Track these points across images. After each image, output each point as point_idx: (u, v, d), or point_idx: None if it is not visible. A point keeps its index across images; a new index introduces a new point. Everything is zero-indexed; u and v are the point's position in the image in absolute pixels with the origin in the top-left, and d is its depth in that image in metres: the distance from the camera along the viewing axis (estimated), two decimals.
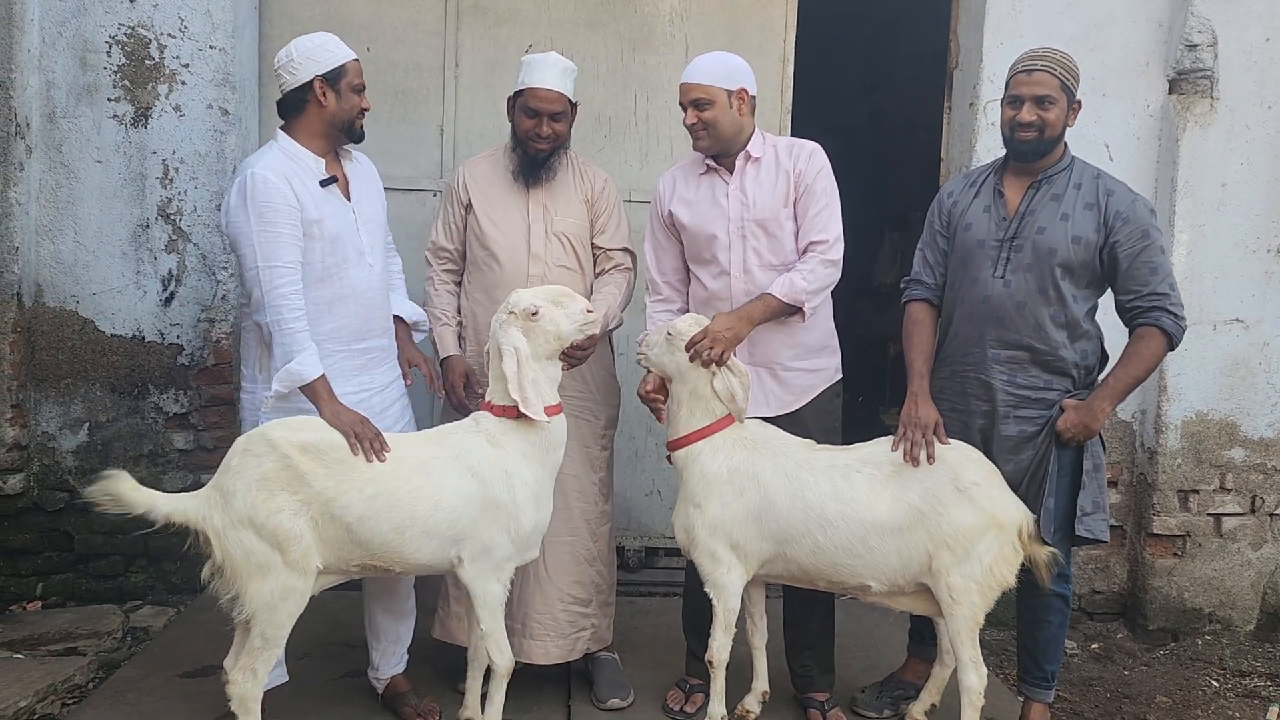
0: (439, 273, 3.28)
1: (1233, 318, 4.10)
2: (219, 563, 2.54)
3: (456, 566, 2.68)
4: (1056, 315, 2.83)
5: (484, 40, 4.21)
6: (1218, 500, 4.17)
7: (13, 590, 3.94)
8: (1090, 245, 2.80)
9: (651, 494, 4.39)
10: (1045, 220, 2.83)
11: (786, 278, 2.96)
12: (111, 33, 3.86)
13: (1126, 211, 2.79)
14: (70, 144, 3.88)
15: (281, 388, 2.70)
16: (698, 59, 3.05)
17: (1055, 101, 2.80)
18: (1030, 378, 2.86)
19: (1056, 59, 2.82)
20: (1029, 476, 2.85)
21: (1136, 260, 2.78)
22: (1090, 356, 2.90)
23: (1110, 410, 2.84)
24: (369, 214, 2.99)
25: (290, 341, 2.70)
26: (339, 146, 2.95)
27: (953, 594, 2.72)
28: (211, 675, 3.14)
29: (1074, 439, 2.81)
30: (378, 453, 2.60)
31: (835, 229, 3.01)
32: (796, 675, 3.23)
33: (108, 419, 3.97)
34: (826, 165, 3.06)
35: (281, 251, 2.72)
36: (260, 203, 2.71)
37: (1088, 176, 2.88)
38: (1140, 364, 2.81)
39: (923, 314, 3.07)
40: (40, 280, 3.90)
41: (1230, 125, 4.06)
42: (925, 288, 3.08)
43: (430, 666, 3.33)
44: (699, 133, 3.00)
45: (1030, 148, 2.85)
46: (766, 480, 2.80)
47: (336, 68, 2.85)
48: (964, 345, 2.95)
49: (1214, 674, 3.90)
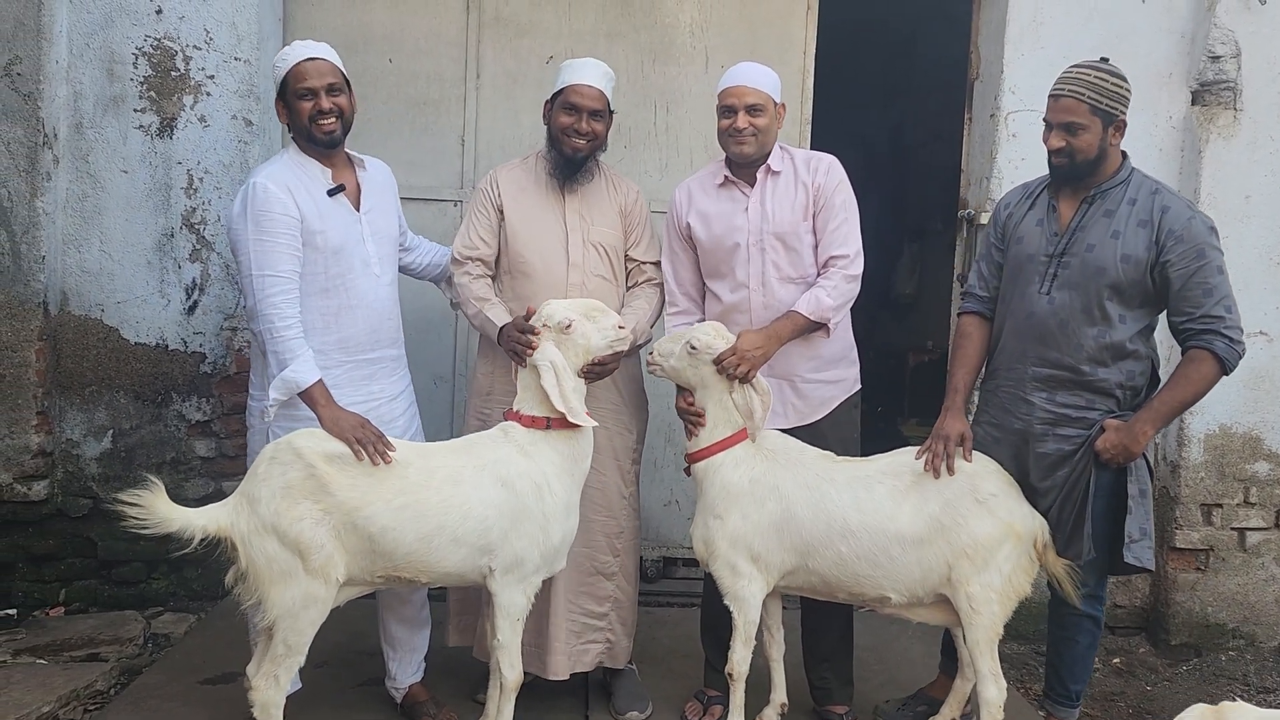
0: (473, 272, 3.11)
1: (1257, 330, 4.06)
2: (243, 569, 2.55)
3: (487, 577, 2.67)
4: (1100, 335, 2.77)
5: (505, 51, 4.24)
6: (1241, 514, 4.13)
7: (36, 596, 3.97)
8: (1141, 264, 2.72)
9: (670, 504, 4.38)
10: (1095, 237, 2.77)
11: (812, 295, 2.96)
12: (138, 44, 3.91)
13: (1180, 230, 2.69)
14: (97, 154, 3.92)
15: (279, 395, 2.72)
16: (743, 66, 3.04)
17: (1085, 127, 2.71)
18: (1071, 397, 2.81)
19: (1088, 81, 2.72)
20: (1063, 495, 2.80)
21: (1190, 281, 2.68)
22: (1138, 378, 2.82)
23: (1153, 434, 2.75)
24: (379, 225, 2.98)
25: (284, 349, 2.71)
26: (331, 152, 2.92)
27: (973, 604, 2.71)
28: (232, 682, 3.15)
29: (1113, 460, 2.74)
30: (382, 454, 2.59)
31: (855, 243, 3.01)
32: (815, 688, 3.21)
33: (131, 426, 4.00)
34: (845, 178, 3.05)
35: (276, 260, 2.74)
36: (259, 211, 2.74)
37: (1145, 191, 2.78)
38: (1189, 387, 2.71)
39: (972, 328, 3.04)
40: (66, 289, 3.94)
41: (1254, 137, 4.03)
42: (979, 300, 3.04)
43: (450, 677, 3.33)
44: (748, 138, 2.97)
45: (1064, 172, 2.81)
46: (787, 491, 2.80)
47: (282, 81, 2.87)
48: (1008, 360, 2.92)
49: (1237, 690, 3.86)
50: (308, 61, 2.85)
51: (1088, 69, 2.75)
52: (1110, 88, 2.72)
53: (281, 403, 2.74)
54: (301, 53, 2.86)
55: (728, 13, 4.29)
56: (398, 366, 3.06)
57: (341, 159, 2.96)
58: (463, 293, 3.10)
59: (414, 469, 2.62)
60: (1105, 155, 2.77)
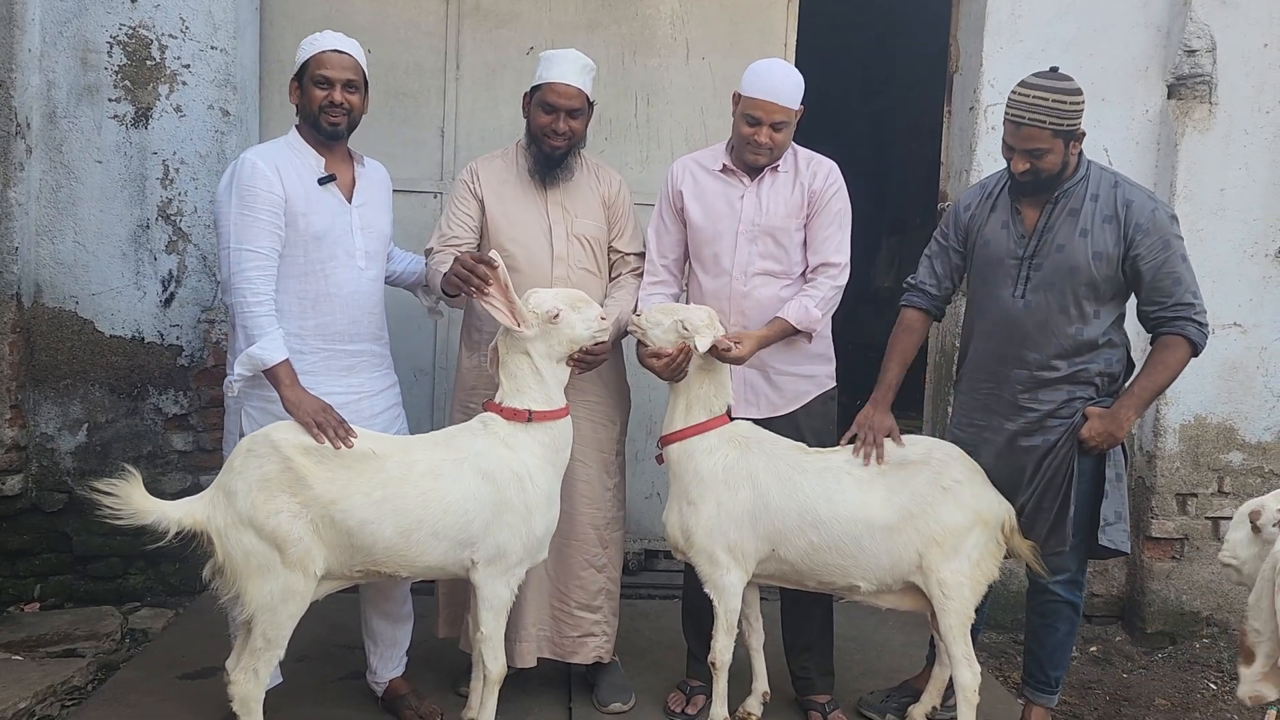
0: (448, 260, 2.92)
1: (1231, 322, 4.11)
2: (220, 563, 2.53)
3: (470, 570, 2.67)
4: (1079, 331, 2.80)
5: (485, 42, 4.22)
6: (1216, 504, 4.18)
7: (11, 591, 3.92)
8: (1112, 260, 2.76)
9: (651, 497, 4.38)
10: (1064, 238, 2.79)
11: (800, 303, 2.97)
12: (113, 33, 3.86)
13: (1146, 223, 2.73)
14: (70, 144, 3.87)
15: (244, 370, 2.71)
16: (776, 74, 2.94)
17: (1049, 150, 2.69)
18: (1053, 393, 2.84)
19: (1047, 107, 2.64)
20: (1045, 483, 2.83)
21: (1159, 272, 2.74)
22: (1115, 365, 2.87)
23: (1135, 418, 2.82)
24: (371, 220, 2.97)
25: (252, 325, 2.70)
26: (331, 144, 2.91)
27: (944, 590, 2.75)
28: (211, 677, 3.13)
29: (1098, 447, 2.79)
30: (343, 439, 2.58)
31: (846, 253, 3.04)
32: (796, 677, 3.23)
33: (107, 420, 3.96)
34: (843, 186, 3.07)
35: (255, 236, 2.73)
36: (244, 186, 2.74)
37: (1105, 185, 2.81)
38: (1165, 372, 2.79)
39: (916, 322, 3.08)
40: (40, 280, 3.89)
41: (1229, 130, 4.07)
42: (927, 297, 3.07)
43: (431, 669, 3.33)
44: (764, 151, 2.96)
45: (1028, 188, 2.81)
46: (761, 479, 2.82)
47: (303, 64, 2.87)
48: (984, 363, 2.95)
49: (1212, 677, 3.91)
50: (333, 53, 2.86)
51: (1045, 92, 2.65)
52: (1070, 108, 2.66)
53: (247, 379, 2.73)
54: (330, 42, 2.88)
55: (709, 5, 4.28)
56: (381, 363, 3.04)
57: (341, 153, 2.95)
58: (434, 279, 3.01)
59: (393, 462, 2.60)
60: (1067, 165, 2.78)
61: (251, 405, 2.79)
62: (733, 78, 3.35)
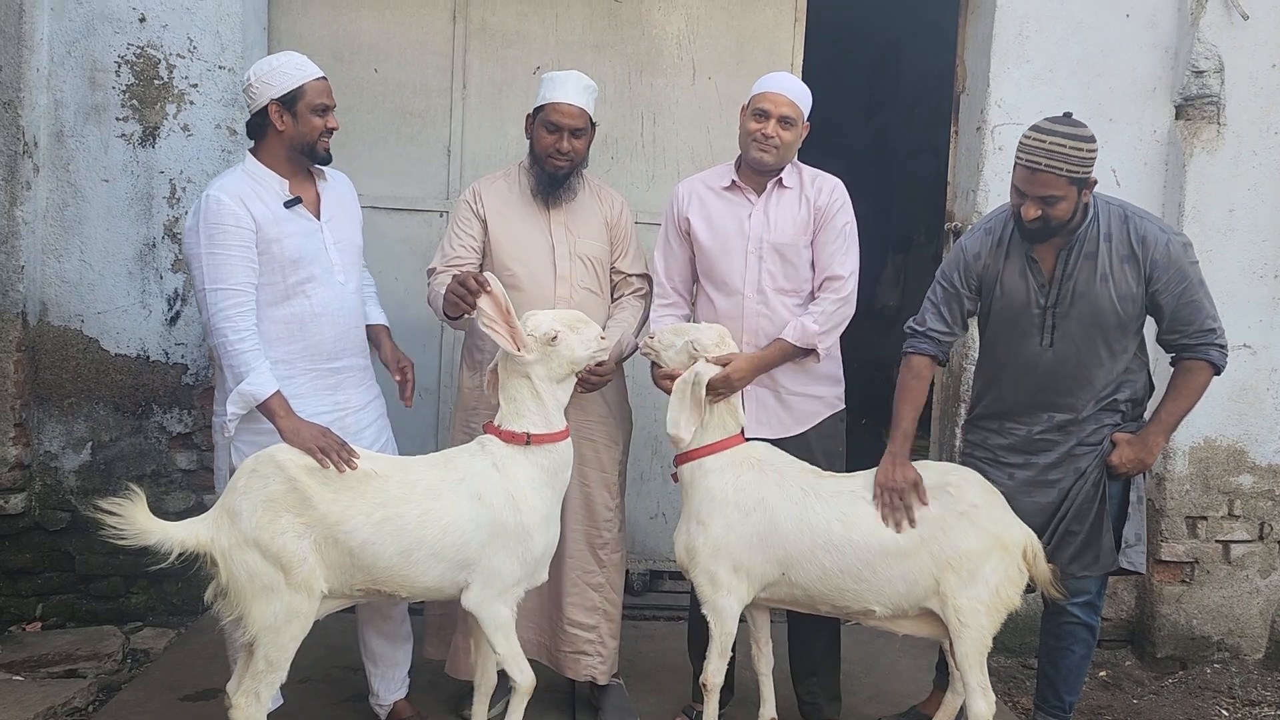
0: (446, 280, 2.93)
1: (1240, 343, 4.07)
2: (224, 584, 2.51)
3: (464, 591, 2.65)
4: (1110, 370, 2.83)
5: (491, 62, 4.22)
6: (1226, 527, 4.14)
7: (13, 611, 3.91)
8: (1137, 299, 2.79)
9: (656, 517, 4.36)
10: (1084, 284, 2.78)
11: (799, 322, 2.97)
12: (121, 52, 3.87)
13: (1162, 259, 2.74)
14: (78, 163, 3.88)
15: (237, 409, 2.69)
16: (784, 75, 3.06)
17: (1063, 197, 2.66)
18: (1087, 431, 2.86)
19: (1064, 154, 2.61)
20: (1076, 508, 2.83)
21: (1179, 303, 2.77)
22: (1139, 390, 2.91)
23: (1164, 444, 2.87)
24: (341, 233, 2.96)
25: (238, 363, 2.69)
26: (306, 167, 2.91)
27: (960, 617, 2.71)
28: (212, 698, 3.11)
29: (1129, 473, 2.83)
30: (347, 461, 2.57)
31: (852, 265, 3.02)
32: (803, 702, 3.20)
33: (111, 438, 3.95)
34: (848, 202, 3.07)
35: (229, 274, 2.71)
36: (210, 224, 2.71)
37: (1115, 221, 2.79)
38: (1192, 397, 2.84)
39: (926, 370, 3.01)
40: (45, 299, 3.89)
41: (1237, 151, 4.06)
42: (934, 344, 2.99)
43: (434, 691, 3.30)
44: (771, 147, 2.96)
45: (1038, 235, 2.78)
46: (772, 503, 2.79)
47: (293, 90, 2.81)
48: (1012, 408, 2.93)
49: (1223, 703, 3.86)
50: (322, 80, 2.86)
51: (1062, 139, 2.62)
52: (1085, 156, 2.64)
53: (241, 417, 2.71)
54: (316, 70, 2.86)
55: (715, 24, 4.29)
56: (365, 376, 3.02)
57: (303, 171, 2.93)
58: (436, 300, 3.01)
59: (394, 482, 2.59)
60: (1078, 212, 2.75)
61: (241, 440, 2.77)
62: (739, 97, 3.36)
